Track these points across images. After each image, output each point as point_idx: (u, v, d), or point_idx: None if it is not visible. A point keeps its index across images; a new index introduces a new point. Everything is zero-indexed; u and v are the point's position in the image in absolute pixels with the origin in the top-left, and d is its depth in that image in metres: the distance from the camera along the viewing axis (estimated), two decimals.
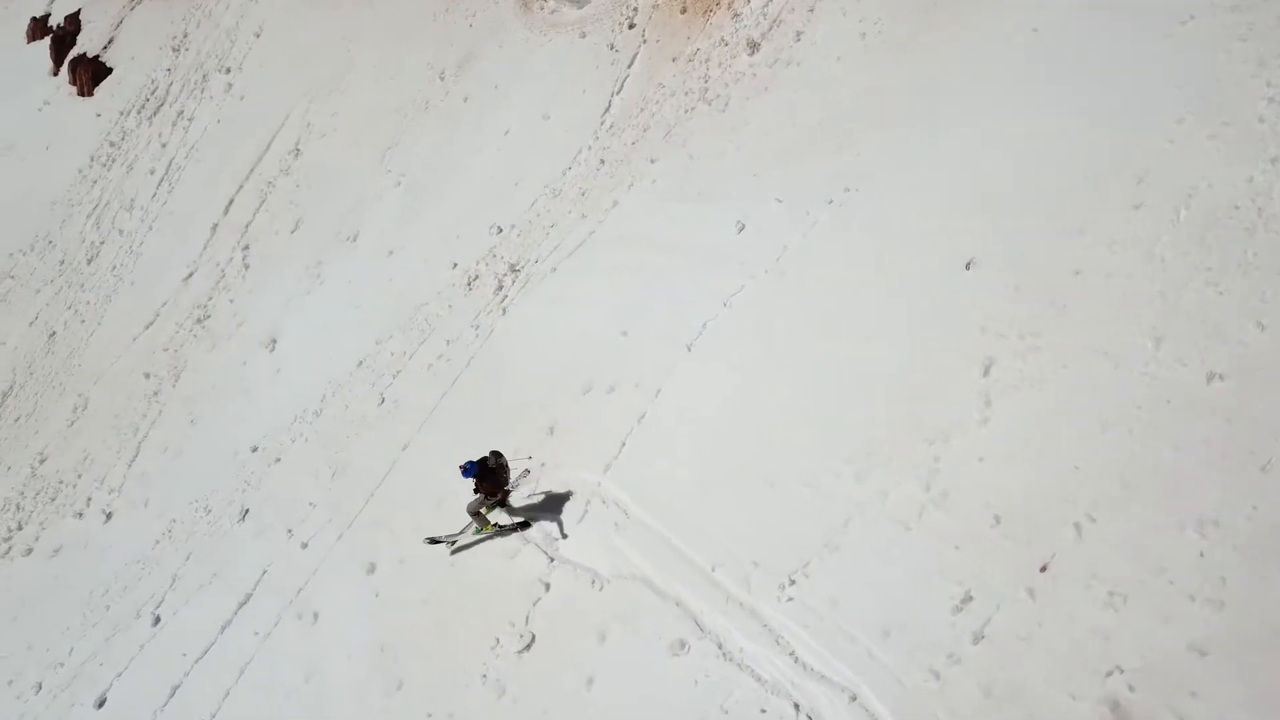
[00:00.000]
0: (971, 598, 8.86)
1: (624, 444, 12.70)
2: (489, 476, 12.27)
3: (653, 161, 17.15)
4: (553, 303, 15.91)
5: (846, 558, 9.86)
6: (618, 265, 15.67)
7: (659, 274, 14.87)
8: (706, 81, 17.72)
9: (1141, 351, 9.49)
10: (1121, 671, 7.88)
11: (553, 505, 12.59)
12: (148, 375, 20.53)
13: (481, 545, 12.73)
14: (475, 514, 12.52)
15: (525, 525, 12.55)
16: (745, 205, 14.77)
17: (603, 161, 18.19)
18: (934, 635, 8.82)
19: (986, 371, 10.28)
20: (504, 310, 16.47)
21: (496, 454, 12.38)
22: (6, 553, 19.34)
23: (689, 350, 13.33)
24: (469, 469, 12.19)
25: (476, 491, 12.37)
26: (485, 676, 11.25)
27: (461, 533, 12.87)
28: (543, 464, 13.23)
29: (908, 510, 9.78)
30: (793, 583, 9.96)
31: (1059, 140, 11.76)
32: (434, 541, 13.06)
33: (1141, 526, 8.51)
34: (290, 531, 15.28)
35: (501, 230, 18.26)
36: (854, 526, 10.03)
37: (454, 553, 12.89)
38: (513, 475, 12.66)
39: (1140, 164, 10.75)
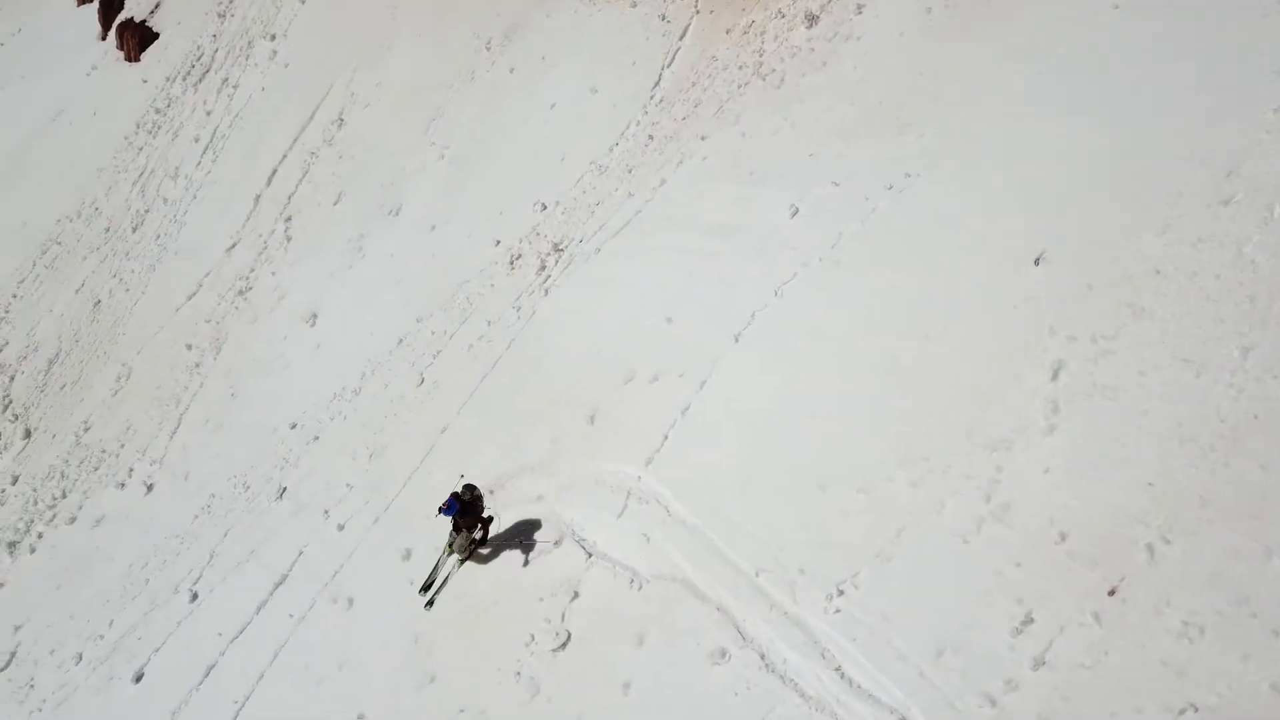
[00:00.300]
0: (1032, 619, 8.36)
1: (666, 437, 12.27)
2: (469, 511, 12.02)
3: (703, 138, 16.56)
4: (596, 285, 15.45)
5: (899, 569, 9.38)
6: (664, 247, 15.16)
7: (707, 258, 14.35)
8: (761, 55, 17.03)
9: (1227, 360, 8.84)
10: (1195, 710, 7.37)
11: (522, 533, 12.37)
12: (190, 346, 20.47)
13: (518, 534, 12.41)
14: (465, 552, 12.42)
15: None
16: (800, 187, 14.17)
17: (651, 137, 17.63)
18: (991, 658, 8.35)
19: (1055, 376, 9.68)
20: (546, 291, 16.06)
21: (470, 487, 12.12)
22: (51, 520, 19.49)
23: (736, 340, 12.83)
24: (451, 506, 11.87)
25: (458, 530, 12.18)
26: (519, 674, 10.97)
27: (439, 572, 12.58)
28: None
29: (966, 522, 9.26)
30: (841, 593, 9.51)
31: (1139, 128, 11.02)
32: (428, 595, 12.57)
33: (1222, 552, 7.94)
34: (327, 513, 15.11)
35: (546, 207, 17.81)
36: (908, 536, 9.53)
37: (430, 604, 12.43)
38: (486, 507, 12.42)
39: (1231, 156, 10.00)
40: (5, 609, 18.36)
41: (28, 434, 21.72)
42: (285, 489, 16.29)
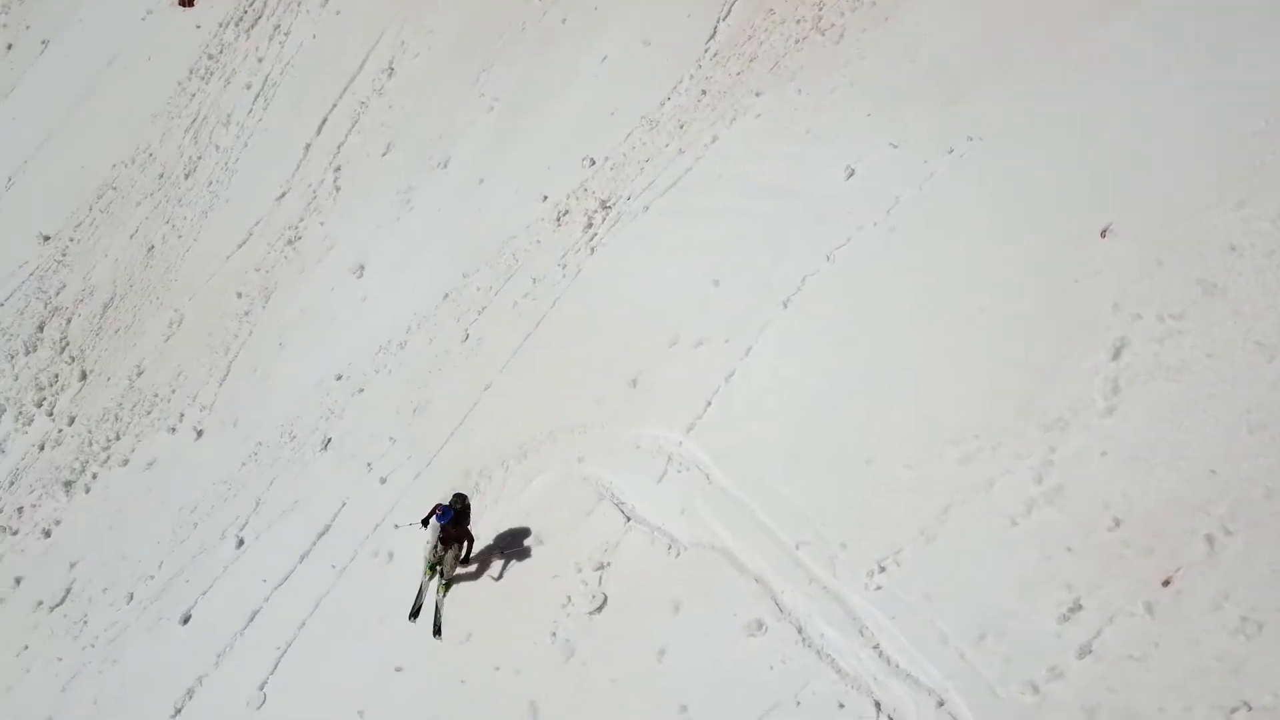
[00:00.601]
0: (1081, 607, 8.11)
1: (709, 403, 12.09)
2: (459, 521, 11.75)
3: (758, 95, 16.12)
4: (643, 244, 15.22)
5: (943, 549, 9.16)
6: (713, 208, 14.85)
7: (757, 220, 14.02)
8: (820, 9, 16.46)
9: None
10: (1249, 709, 7.11)
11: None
12: (240, 295, 20.64)
13: (559, 500, 12.37)
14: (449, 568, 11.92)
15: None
16: (856, 149, 13.73)
17: (704, 93, 17.21)
18: (1035, 644, 8.13)
19: (1116, 355, 9.30)
20: (592, 250, 15.86)
21: (461, 496, 11.91)
22: (105, 461, 19.94)
23: (785, 306, 12.55)
24: (445, 513, 11.55)
25: (445, 544, 11.73)
26: (554, 635, 10.98)
27: (429, 599, 12.08)
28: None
29: (1016, 503, 8.99)
30: (882, 570, 9.33)
31: (1217, 95, 10.43)
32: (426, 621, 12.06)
33: None
34: (370, 465, 15.23)
35: (594, 163, 17.53)
36: (954, 515, 9.29)
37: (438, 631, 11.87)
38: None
39: None
40: (61, 547, 18.90)
41: (84, 376, 22.18)
42: (330, 440, 16.43)
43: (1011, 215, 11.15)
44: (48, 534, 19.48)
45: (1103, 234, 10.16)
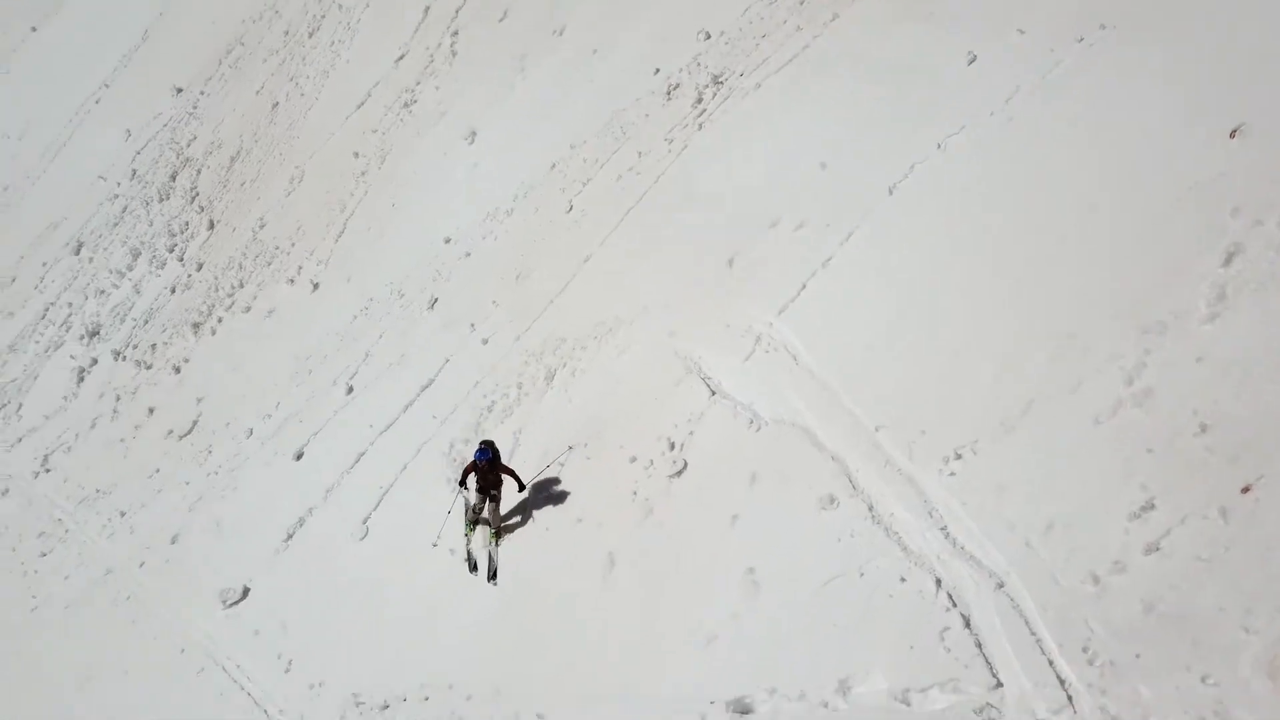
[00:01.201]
0: (1154, 506, 8.13)
1: (804, 286, 12.18)
2: (497, 462, 11.99)
3: None
4: (752, 123, 15.06)
5: (1021, 441, 9.22)
6: (827, 88, 14.55)
7: (871, 103, 13.72)
8: None
9: None
10: None
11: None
12: (357, 155, 21.29)
13: (647, 367, 12.77)
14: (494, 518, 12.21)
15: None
16: (981, 33, 13.21)
17: None
18: (1102, 539, 8.22)
19: (1228, 261, 9.00)
20: (700, 126, 15.78)
21: (489, 442, 12.08)
22: (229, 307, 21.20)
23: (890, 193, 12.41)
24: (483, 453, 11.81)
25: (483, 493, 12.04)
26: (635, 495, 11.54)
27: (480, 553, 12.37)
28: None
29: (1102, 403, 8.94)
30: (958, 457, 9.47)
31: None
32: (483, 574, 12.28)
33: None
34: (473, 326, 15.88)
35: (709, 36, 17.24)
36: (1036, 411, 9.31)
37: (493, 577, 12.15)
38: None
39: None
40: (189, 382, 20.37)
41: (211, 225, 23.40)
42: (436, 300, 17.14)
43: (1137, 110, 10.68)
44: (177, 370, 20.99)
45: (1232, 135, 9.68)
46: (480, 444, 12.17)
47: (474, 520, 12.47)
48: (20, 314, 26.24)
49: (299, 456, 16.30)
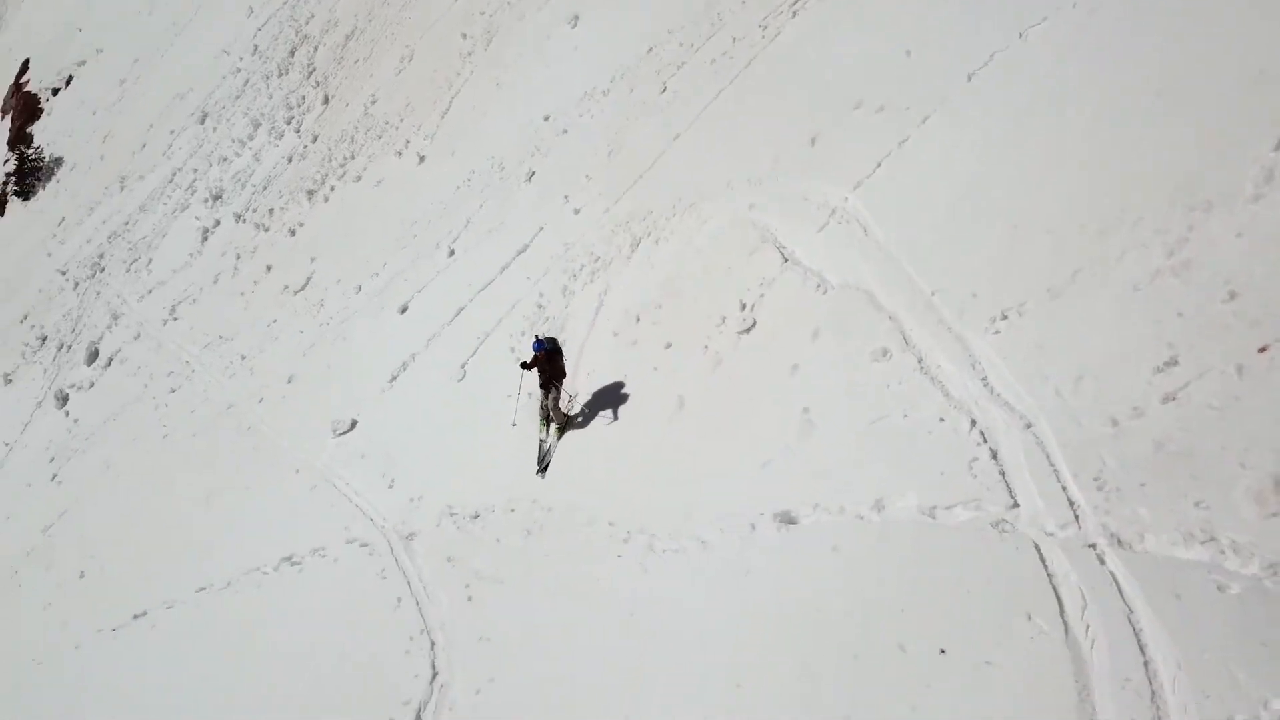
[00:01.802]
0: (1176, 362, 8.90)
1: (879, 165, 12.95)
2: (555, 356, 12.80)
3: None
4: (841, 10, 15.62)
5: (1064, 305, 10.01)
6: None
7: None
8: None
9: None
10: None
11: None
12: (464, 36, 22.35)
13: (725, 237, 13.77)
14: (556, 412, 12.95)
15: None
16: None
17: None
18: (1126, 389, 9.04)
19: None
20: (794, 14, 16.37)
21: (551, 338, 12.93)
22: (341, 176, 22.74)
23: (969, 80, 12.97)
24: (539, 344, 12.62)
25: (545, 388, 12.80)
26: (707, 348, 12.68)
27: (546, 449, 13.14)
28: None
29: (1142, 272, 9.65)
30: (1004, 318, 10.31)
31: None
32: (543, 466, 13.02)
33: None
34: (566, 198, 17.02)
35: None
36: (1082, 279, 10.05)
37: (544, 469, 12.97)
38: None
39: None
40: (304, 243, 22.11)
41: (326, 100, 24.86)
42: (534, 173, 18.30)
43: (1218, 3, 11.04)
44: (293, 233, 22.74)
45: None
46: (536, 337, 13.08)
47: (545, 418, 13.24)
48: (149, 177, 28.39)
49: (404, 310, 17.85)
